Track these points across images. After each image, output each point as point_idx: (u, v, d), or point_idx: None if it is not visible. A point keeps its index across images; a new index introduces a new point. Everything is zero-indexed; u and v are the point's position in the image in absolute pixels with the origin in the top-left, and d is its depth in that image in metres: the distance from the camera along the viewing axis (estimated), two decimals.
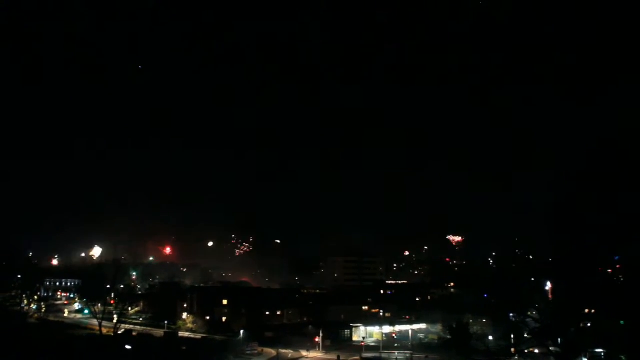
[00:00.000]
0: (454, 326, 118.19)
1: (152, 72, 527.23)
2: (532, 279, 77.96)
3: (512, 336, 72.62)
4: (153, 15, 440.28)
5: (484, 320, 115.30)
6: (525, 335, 71.16)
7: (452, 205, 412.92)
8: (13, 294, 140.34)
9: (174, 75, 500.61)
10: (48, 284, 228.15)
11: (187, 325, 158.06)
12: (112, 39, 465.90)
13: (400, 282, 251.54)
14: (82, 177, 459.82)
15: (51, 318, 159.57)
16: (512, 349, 72.90)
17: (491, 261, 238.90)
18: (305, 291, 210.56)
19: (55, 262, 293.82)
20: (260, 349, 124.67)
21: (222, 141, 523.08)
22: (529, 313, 69.01)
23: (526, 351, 73.22)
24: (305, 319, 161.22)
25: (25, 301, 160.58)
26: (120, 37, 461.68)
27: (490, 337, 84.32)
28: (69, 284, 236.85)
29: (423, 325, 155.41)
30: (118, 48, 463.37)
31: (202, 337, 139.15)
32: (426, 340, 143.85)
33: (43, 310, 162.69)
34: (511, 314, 72.71)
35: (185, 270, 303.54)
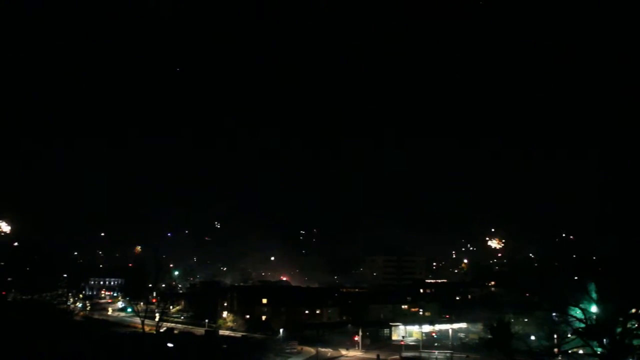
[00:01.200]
0: (495, 325, 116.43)
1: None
2: (576, 277, 76.20)
3: (555, 336, 71.08)
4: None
5: (526, 320, 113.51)
6: (569, 335, 69.52)
7: (493, 202, 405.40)
8: (59, 292, 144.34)
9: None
10: (92, 283, 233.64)
11: (227, 323, 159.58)
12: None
13: (439, 280, 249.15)
14: (124, 175, 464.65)
15: (96, 316, 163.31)
16: (555, 349, 71.31)
17: (533, 256, 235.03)
18: (345, 290, 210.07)
19: (99, 261, 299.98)
20: (299, 347, 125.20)
21: (256, 140, 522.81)
22: (573, 312, 67.39)
23: (570, 352, 71.36)
24: (344, 318, 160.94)
25: (71, 300, 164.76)
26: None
27: (533, 337, 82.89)
28: (112, 282, 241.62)
29: (463, 325, 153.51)
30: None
31: (242, 335, 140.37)
32: (466, 339, 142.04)
33: (88, 309, 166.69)
34: (554, 314, 71.24)
35: (224, 269, 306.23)
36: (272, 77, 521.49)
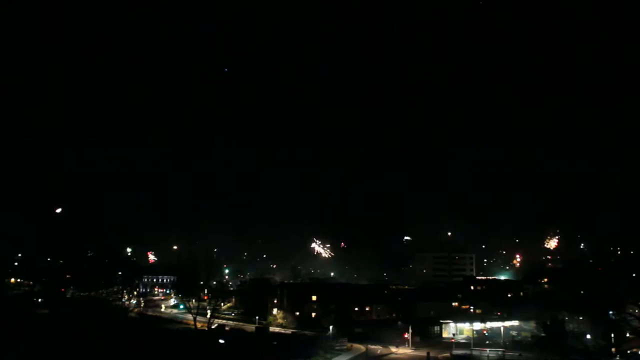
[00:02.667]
0: (549, 323, 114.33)
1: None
2: (634, 275, 74.18)
3: (613, 335, 69.29)
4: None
5: (581, 318, 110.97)
6: (628, 335, 67.74)
7: (548, 199, 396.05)
8: (115, 289, 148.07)
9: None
10: (146, 280, 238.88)
11: (278, 320, 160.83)
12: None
13: (490, 277, 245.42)
14: (176, 175, 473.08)
15: (149, 313, 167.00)
16: (613, 349, 69.59)
17: (588, 254, 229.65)
18: (394, 287, 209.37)
19: (152, 259, 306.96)
20: (349, 344, 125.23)
21: (307, 141, 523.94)
22: (631, 311, 65.62)
23: (629, 351, 69.53)
24: (394, 315, 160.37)
25: (126, 296, 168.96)
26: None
27: (588, 336, 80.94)
28: (165, 280, 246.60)
29: (515, 322, 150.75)
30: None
31: (292, 332, 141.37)
32: (519, 337, 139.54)
33: (142, 305, 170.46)
34: (611, 312, 69.48)
35: (274, 267, 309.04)
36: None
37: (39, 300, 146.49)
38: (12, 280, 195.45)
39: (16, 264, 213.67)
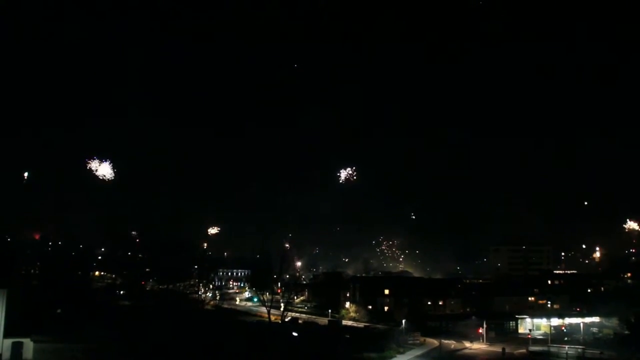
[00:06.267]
0: (633, 321, 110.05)
1: None
2: None
3: None
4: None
5: None
6: None
7: (631, 189, 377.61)
8: (191, 283, 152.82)
9: None
10: (221, 273, 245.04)
11: (350, 314, 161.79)
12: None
13: (569, 271, 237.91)
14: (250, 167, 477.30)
15: (225, 305, 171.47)
16: None
17: None
18: (468, 281, 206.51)
19: (226, 253, 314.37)
20: (422, 338, 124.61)
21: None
22: None
23: None
24: (467, 310, 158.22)
25: (202, 289, 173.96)
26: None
27: None
28: (239, 274, 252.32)
29: (596, 319, 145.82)
30: None
31: (365, 326, 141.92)
32: (600, 334, 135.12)
33: (218, 298, 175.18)
34: None
35: (346, 260, 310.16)
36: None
37: (121, 292, 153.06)
38: (97, 273, 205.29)
39: (100, 257, 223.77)
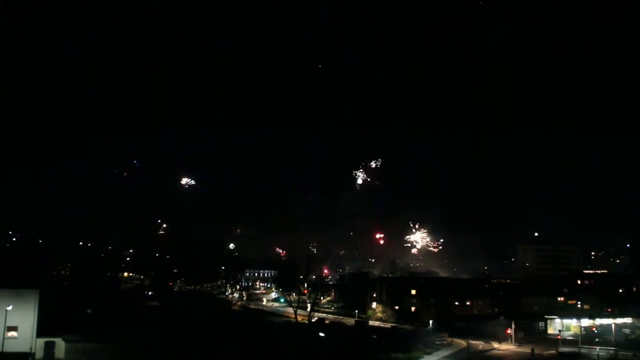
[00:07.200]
0: None
1: None
2: None
3: None
4: None
5: None
6: None
7: None
8: (219, 283, 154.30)
9: None
10: (248, 274, 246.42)
11: (377, 314, 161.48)
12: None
13: (599, 271, 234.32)
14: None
15: (252, 306, 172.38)
16: None
17: None
18: (495, 281, 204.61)
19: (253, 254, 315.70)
20: (449, 339, 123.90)
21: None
22: None
23: None
24: (495, 310, 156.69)
25: (229, 290, 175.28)
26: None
27: None
28: (266, 274, 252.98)
29: (628, 320, 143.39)
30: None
31: (392, 326, 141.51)
32: (632, 336, 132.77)
33: (244, 299, 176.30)
34: None
35: (372, 260, 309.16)
36: None
37: (149, 293, 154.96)
38: (125, 274, 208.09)
39: (128, 259, 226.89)
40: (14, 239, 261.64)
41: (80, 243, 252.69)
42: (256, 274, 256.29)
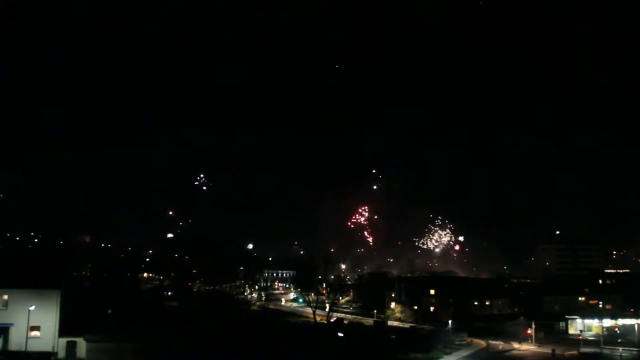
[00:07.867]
0: None
1: None
2: None
3: None
4: None
5: None
6: None
7: None
8: (237, 284, 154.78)
9: None
10: (266, 274, 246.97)
11: (396, 314, 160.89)
12: None
13: (621, 270, 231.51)
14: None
15: (271, 306, 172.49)
16: None
17: None
18: (515, 281, 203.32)
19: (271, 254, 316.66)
20: (469, 339, 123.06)
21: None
22: None
23: None
24: (515, 310, 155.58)
25: (248, 290, 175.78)
26: None
27: None
28: (284, 274, 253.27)
29: None
30: None
31: (411, 326, 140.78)
32: None
33: (263, 299, 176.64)
34: None
35: (391, 260, 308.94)
36: None
37: (169, 293, 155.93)
38: (145, 274, 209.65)
39: (147, 260, 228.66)
40: (35, 240, 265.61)
41: (102, 245, 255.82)
42: (275, 274, 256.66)
